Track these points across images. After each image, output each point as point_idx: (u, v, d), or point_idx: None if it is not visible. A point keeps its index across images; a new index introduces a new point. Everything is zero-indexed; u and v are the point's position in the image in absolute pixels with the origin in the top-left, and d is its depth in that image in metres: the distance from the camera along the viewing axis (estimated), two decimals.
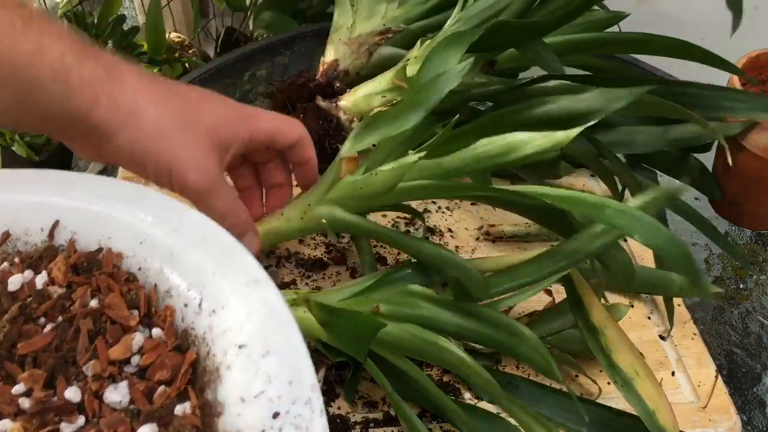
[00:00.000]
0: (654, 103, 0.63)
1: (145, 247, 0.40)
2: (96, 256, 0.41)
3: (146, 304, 0.39)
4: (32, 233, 0.41)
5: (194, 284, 0.39)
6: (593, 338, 0.52)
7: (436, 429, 0.53)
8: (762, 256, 0.75)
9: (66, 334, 0.37)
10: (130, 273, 0.40)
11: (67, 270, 0.39)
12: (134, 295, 0.39)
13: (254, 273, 0.38)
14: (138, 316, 0.38)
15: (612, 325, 0.52)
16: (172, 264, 0.40)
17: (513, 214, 0.71)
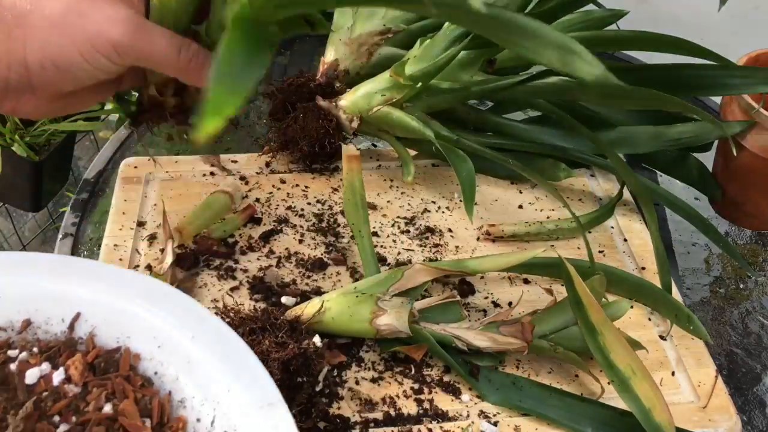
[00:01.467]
0: (652, 97, 0.62)
1: (163, 351, 0.40)
2: (114, 356, 0.40)
3: (159, 414, 0.38)
4: (53, 323, 0.41)
5: (209, 399, 0.38)
6: (592, 338, 0.53)
7: (436, 429, 0.53)
8: (762, 256, 0.75)
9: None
10: (146, 377, 0.40)
11: (84, 369, 0.39)
12: (148, 401, 0.39)
13: (269, 395, 0.37)
14: (150, 425, 0.38)
15: (610, 326, 0.53)
16: (189, 373, 0.39)
17: (513, 213, 0.71)
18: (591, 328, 0.53)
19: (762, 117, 0.67)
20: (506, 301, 0.63)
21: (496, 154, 0.68)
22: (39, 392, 0.38)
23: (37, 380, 0.39)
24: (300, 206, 0.70)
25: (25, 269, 0.42)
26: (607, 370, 0.52)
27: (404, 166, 0.73)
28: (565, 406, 0.55)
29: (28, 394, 0.38)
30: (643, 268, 0.67)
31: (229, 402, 0.38)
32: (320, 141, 0.72)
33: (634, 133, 0.74)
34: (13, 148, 0.91)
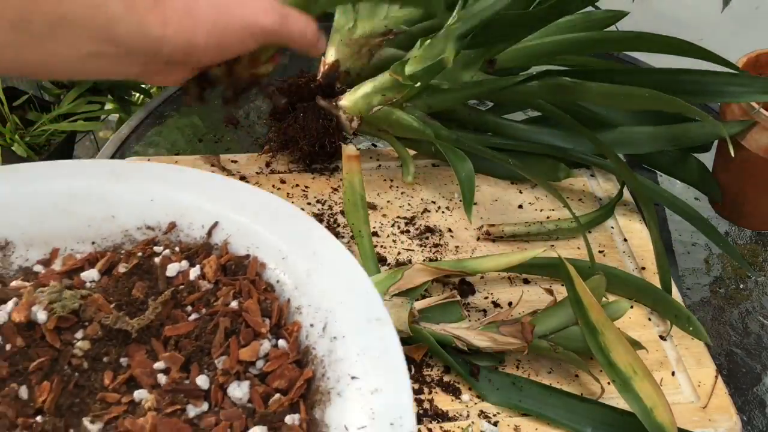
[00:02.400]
0: (653, 98, 0.63)
1: (286, 263, 0.44)
2: (243, 261, 0.45)
3: (278, 315, 0.43)
4: (194, 228, 0.46)
5: (322, 308, 0.42)
6: (592, 338, 0.53)
7: (436, 429, 0.53)
8: (762, 256, 0.75)
9: (207, 326, 0.41)
10: (269, 283, 0.44)
11: (217, 269, 0.44)
12: (269, 304, 0.43)
13: (377, 311, 0.41)
14: (269, 324, 0.42)
15: (610, 325, 0.53)
16: (307, 284, 0.43)
17: (513, 213, 0.71)
18: (591, 328, 0.53)
19: (762, 117, 0.67)
20: (506, 301, 0.63)
21: (496, 154, 0.68)
22: (177, 284, 0.43)
23: (176, 274, 0.44)
24: (300, 206, 0.70)
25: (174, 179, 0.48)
26: (608, 369, 0.52)
27: (404, 166, 0.73)
28: (565, 406, 0.55)
29: (168, 284, 0.43)
30: (643, 268, 0.67)
31: (340, 313, 0.41)
32: (320, 140, 0.72)
33: (635, 133, 0.74)
34: (13, 148, 0.91)
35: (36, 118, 0.95)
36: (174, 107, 0.84)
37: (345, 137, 0.74)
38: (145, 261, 0.45)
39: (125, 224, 0.47)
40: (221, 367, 0.40)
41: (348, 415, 0.37)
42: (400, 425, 0.36)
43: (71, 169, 0.48)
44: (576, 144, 0.74)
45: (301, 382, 0.40)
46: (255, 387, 0.40)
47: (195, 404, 0.39)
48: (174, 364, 0.40)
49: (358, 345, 0.39)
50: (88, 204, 0.46)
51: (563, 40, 0.71)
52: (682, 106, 0.62)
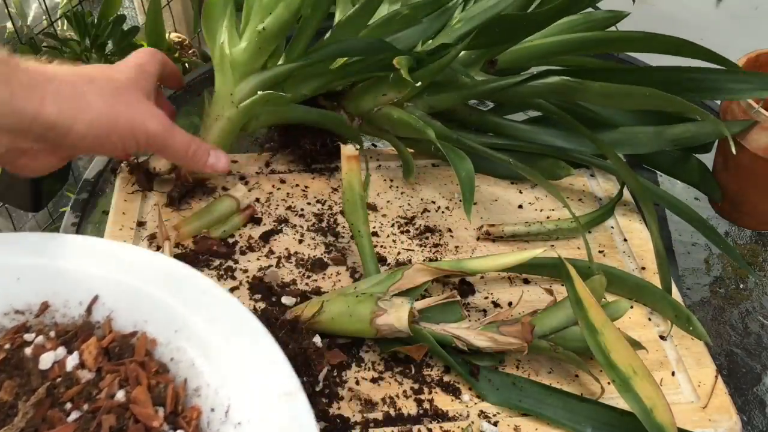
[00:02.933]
0: (653, 97, 0.63)
1: (180, 336, 0.39)
2: (129, 340, 0.40)
3: (173, 402, 0.37)
4: (71, 306, 0.41)
5: (224, 387, 0.37)
6: (592, 338, 0.52)
7: (436, 429, 0.53)
8: (762, 256, 0.75)
9: (89, 425, 0.36)
10: (162, 363, 0.39)
11: (99, 353, 0.39)
12: (162, 389, 0.38)
13: (288, 384, 0.36)
14: (163, 413, 0.37)
15: (610, 325, 0.53)
16: (206, 359, 0.38)
17: (513, 213, 0.71)
18: (591, 328, 0.53)
19: (762, 117, 0.67)
20: (506, 301, 0.63)
21: (497, 154, 0.68)
22: (53, 378, 0.38)
23: (52, 365, 0.38)
24: (300, 206, 0.70)
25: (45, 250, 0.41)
26: (608, 369, 0.52)
27: (405, 166, 0.73)
28: (565, 406, 0.54)
29: (42, 379, 0.38)
30: (643, 268, 0.67)
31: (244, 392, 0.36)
32: (322, 139, 0.72)
33: (635, 133, 0.74)
34: None
35: None
36: (174, 107, 0.84)
37: (345, 137, 0.74)
38: (13, 354, 0.39)
39: None
40: None
41: None
42: None
43: None
44: (576, 144, 0.74)
45: None
46: None
47: None
48: None
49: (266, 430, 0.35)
50: None
51: (564, 40, 0.71)
52: (682, 105, 0.62)
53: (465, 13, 0.72)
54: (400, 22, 0.72)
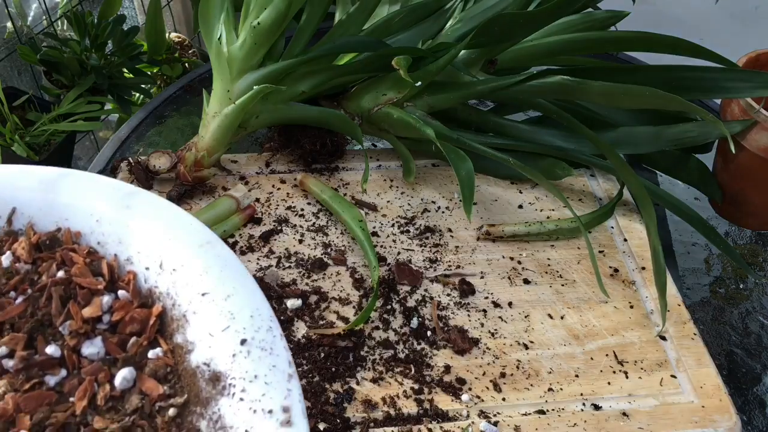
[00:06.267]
0: (654, 96, 0.62)
1: (101, 224, 0.44)
2: (56, 235, 0.44)
3: (109, 272, 0.42)
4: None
5: (153, 250, 0.43)
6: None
7: (436, 429, 0.53)
8: (762, 256, 0.75)
9: (39, 301, 0.41)
10: (90, 247, 0.44)
11: (31, 248, 0.42)
12: (97, 265, 0.42)
13: (206, 236, 0.42)
14: (103, 282, 0.42)
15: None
16: (130, 235, 0.43)
17: (513, 213, 0.71)
18: None
19: (762, 117, 0.67)
20: (506, 301, 0.63)
21: (497, 154, 0.68)
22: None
23: None
24: (300, 206, 0.70)
25: None
26: None
27: (405, 166, 0.73)
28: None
29: None
30: (643, 268, 0.67)
31: (172, 247, 0.42)
32: (322, 139, 0.72)
33: (635, 133, 0.74)
34: (13, 148, 0.91)
35: (36, 118, 0.95)
36: (174, 107, 0.84)
37: (345, 137, 0.74)
38: None
39: None
40: (67, 332, 0.40)
41: (208, 324, 0.39)
42: (259, 314, 0.39)
43: None
44: (576, 144, 0.74)
45: (153, 320, 0.41)
46: (108, 339, 0.40)
47: (52, 373, 0.39)
48: (17, 344, 0.39)
49: (199, 266, 0.41)
50: None
51: (564, 40, 0.71)
52: (682, 104, 0.62)
53: (465, 13, 0.72)
54: (400, 22, 0.72)
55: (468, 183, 0.64)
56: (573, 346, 0.60)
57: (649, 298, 0.64)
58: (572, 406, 0.55)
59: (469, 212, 0.62)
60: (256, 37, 0.64)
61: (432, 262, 0.66)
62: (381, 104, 0.70)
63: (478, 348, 0.59)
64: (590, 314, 0.62)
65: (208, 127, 0.67)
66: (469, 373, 0.57)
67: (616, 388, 0.57)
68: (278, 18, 0.63)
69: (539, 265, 0.67)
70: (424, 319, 0.61)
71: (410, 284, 0.63)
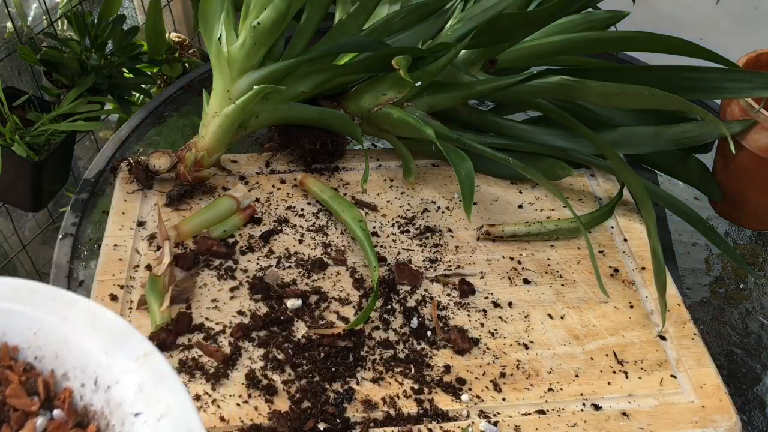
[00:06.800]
0: (654, 96, 0.62)
1: (38, 337, 0.44)
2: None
3: (45, 390, 0.42)
4: None
5: (89, 365, 0.42)
6: None
7: (436, 429, 0.53)
8: (762, 256, 0.75)
9: None
10: (27, 363, 0.44)
11: None
12: (33, 382, 0.42)
13: (143, 347, 0.42)
14: (39, 401, 0.41)
15: None
16: (67, 349, 0.43)
17: (513, 213, 0.71)
18: None
19: (762, 117, 0.67)
20: (506, 301, 0.63)
21: (497, 154, 0.68)
22: None
23: None
24: (300, 206, 0.70)
25: None
26: None
27: (405, 166, 0.73)
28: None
29: None
30: (643, 268, 0.67)
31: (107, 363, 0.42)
32: (322, 139, 0.72)
33: (635, 133, 0.74)
34: (13, 148, 0.91)
35: (36, 118, 0.95)
36: (174, 107, 0.84)
37: (345, 137, 0.74)
38: None
39: None
40: None
41: None
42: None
43: None
44: (576, 144, 0.74)
45: None
46: None
47: None
48: None
49: (133, 384, 0.41)
50: None
51: (563, 40, 0.71)
52: (682, 104, 0.62)
53: (465, 13, 0.72)
54: (400, 22, 0.72)
55: (468, 183, 0.64)
56: (573, 346, 0.60)
57: (649, 298, 0.64)
58: (572, 406, 0.55)
59: (469, 212, 0.62)
60: (256, 37, 0.64)
61: (432, 262, 0.66)
62: (381, 104, 0.70)
63: (478, 348, 0.59)
64: (590, 314, 0.62)
65: (208, 127, 0.67)
66: (469, 373, 0.57)
67: (616, 388, 0.57)
68: (278, 18, 0.63)
69: (539, 265, 0.67)
70: (424, 319, 0.61)
71: (410, 284, 0.63)
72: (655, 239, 0.63)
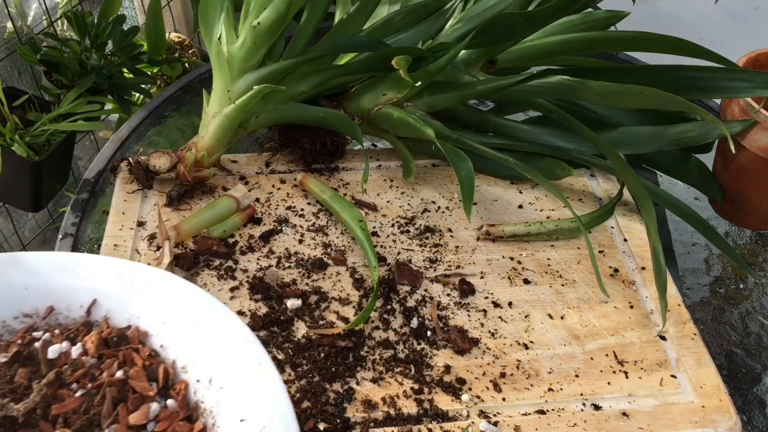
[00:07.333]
0: (654, 96, 0.62)
1: (168, 327, 0.46)
2: (125, 332, 0.46)
3: (164, 378, 0.44)
4: (73, 309, 0.47)
5: (207, 363, 0.44)
6: None
7: (436, 429, 0.53)
8: (762, 256, 0.75)
9: (93, 399, 0.43)
10: (153, 349, 0.46)
11: (99, 343, 0.45)
12: (155, 368, 0.44)
13: (259, 357, 0.44)
14: (156, 387, 0.44)
15: None
16: (191, 344, 0.45)
17: (513, 213, 0.71)
18: None
19: (762, 117, 0.67)
20: (506, 301, 0.63)
21: (497, 154, 0.68)
22: (60, 365, 0.44)
23: (58, 355, 0.45)
24: (300, 206, 0.70)
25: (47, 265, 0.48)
26: None
27: (405, 166, 0.73)
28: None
29: (50, 366, 0.44)
30: (643, 268, 0.67)
31: (224, 364, 0.43)
32: (322, 139, 0.72)
33: (635, 133, 0.74)
34: (13, 148, 0.91)
35: (36, 118, 0.95)
36: (174, 107, 0.84)
37: (345, 137, 0.74)
38: (24, 348, 0.46)
39: (1, 316, 0.47)
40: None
41: None
42: None
43: None
44: (576, 144, 0.74)
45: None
46: None
47: None
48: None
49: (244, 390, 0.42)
50: None
51: (563, 40, 0.71)
52: (682, 104, 0.62)
53: (465, 13, 0.72)
54: (400, 22, 0.72)
55: (468, 183, 0.64)
56: (573, 346, 0.60)
57: (649, 298, 0.64)
58: (572, 406, 0.55)
59: (469, 212, 0.62)
60: (256, 37, 0.64)
61: (432, 262, 0.66)
62: (381, 104, 0.70)
63: (478, 348, 0.59)
64: (590, 314, 0.62)
65: (208, 127, 0.67)
66: (469, 373, 0.57)
67: (616, 388, 0.57)
68: (278, 18, 0.63)
69: (539, 265, 0.67)
70: (424, 319, 0.61)
71: (410, 284, 0.63)
72: (655, 239, 0.63)
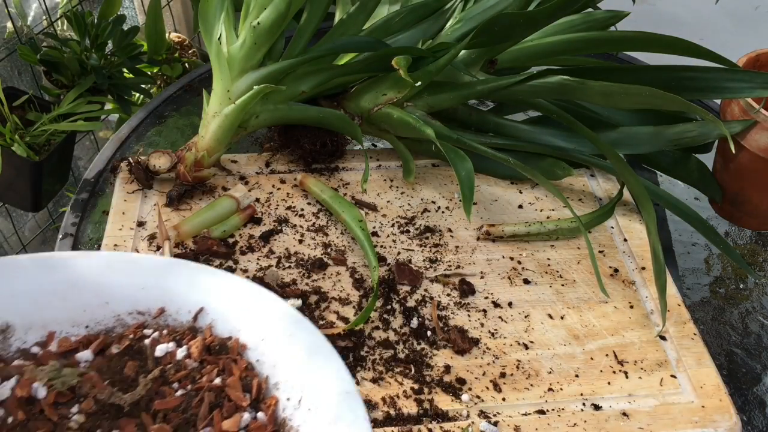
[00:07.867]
0: (654, 96, 0.62)
1: (266, 343, 0.48)
2: (226, 342, 0.49)
3: (257, 391, 0.46)
4: (182, 313, 0.50)
5: (298, 384, 0.46)
6: None
7: (436, 429, 0.53)
8: (762, 256, 0.75)
9: (192, 401, 0.45)
10: (249, 362, 0.48)
11: (202, 349, 0.48)
12: (250, 381, 0.47)
13: (347, 385, 0.45)
14: (249, 399, 0.46)
15: None
16: (284, 363, 0.47)
17: (513, 213, 0.71)
18: None
19: (762, 117, 0.67)
20: (506, 301, 0.63)
21: (497, 154, 0.68)
22: (165, 363, 0.47)
23: (164, 354, 0.48)
24: (300, 206, 0.70)
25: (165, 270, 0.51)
26: None
27: (405, 166, 0.73)
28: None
29: (156, 363, 0.47)
30: (643, 268, 0.67)
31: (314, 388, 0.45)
32: (322, 139, 0.72)
33: (635, 133, 0.74)
34: (13, 148, 0.91)
35: (36, 118, 0.95)
36: (174, 107, 0.84)
37: (345, 137, 0.74)
38: (135, 342, 0.49)
39: (118, 310, 0.50)
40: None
41: None
42: None
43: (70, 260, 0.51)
44: (576, 144, 0.74)
45: None
46: None
47: None
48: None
49: (331, 415, 0.43)
50: (84, 292, 0.50)
51: (563, 40, 0.71)
52: (682, 104, 0.62)
53: (465, 13, 0.72)
54: (400, 22, 0.72)
55: (468, 183, 0.64)
56: (573, 346, 0.60)
57: (649, 298, 0.64)
58: (572, 406, 0.55)
59: (469, 212, 0.62)
60: (256, 37, 0.64)
61: (432, 262, 0.66)
62: (381, 104, 0.70)
63: (478, 348, 0.59)
64: (590, 314, 0.62)
65: (208, 127, 0.67)
66: (469, 373, 0.57)
67: (616, 388, 0.57)
68: (278, 18, 0.63)
69: (539, 265, 0.67)
70: (424, 319, 0.61)
71: (410, 284, 0.63)
72: (655, 239, 0.63)
